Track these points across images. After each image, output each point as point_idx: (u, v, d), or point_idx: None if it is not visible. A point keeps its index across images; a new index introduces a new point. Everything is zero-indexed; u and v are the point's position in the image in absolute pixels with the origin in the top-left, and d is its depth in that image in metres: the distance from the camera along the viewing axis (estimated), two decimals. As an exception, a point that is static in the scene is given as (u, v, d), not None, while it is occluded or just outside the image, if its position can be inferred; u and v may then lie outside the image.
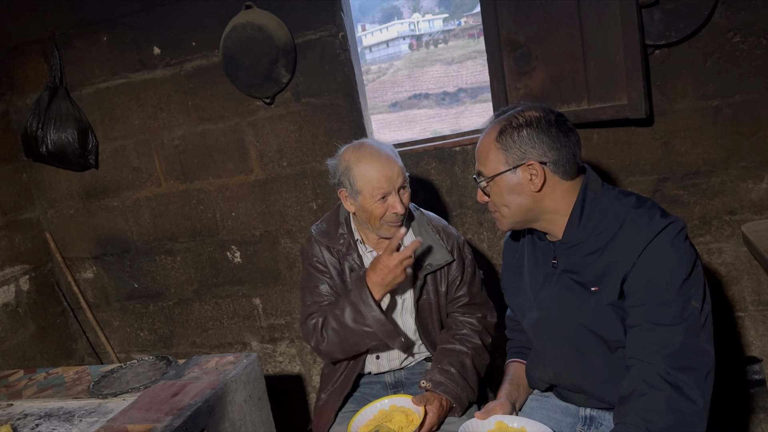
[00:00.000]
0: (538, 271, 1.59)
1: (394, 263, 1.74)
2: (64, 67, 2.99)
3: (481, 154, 1.50)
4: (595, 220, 1.44)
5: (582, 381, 1.56)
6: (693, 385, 1.28)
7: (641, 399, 1.30)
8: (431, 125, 9.97)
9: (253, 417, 1.82)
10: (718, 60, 2.18)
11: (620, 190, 1.49)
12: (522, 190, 1.45)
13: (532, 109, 1.47)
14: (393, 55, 14.68)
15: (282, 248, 2.93)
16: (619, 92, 2.12)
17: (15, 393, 1.96)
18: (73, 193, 3.18)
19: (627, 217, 1.40)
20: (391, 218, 1.82)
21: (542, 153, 1.42)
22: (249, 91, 2.70)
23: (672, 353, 1.29)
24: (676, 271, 1.33)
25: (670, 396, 1.27)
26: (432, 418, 1.72)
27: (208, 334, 3.20)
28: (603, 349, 1.47)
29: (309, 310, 1.97)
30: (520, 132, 1.43)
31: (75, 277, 3.31)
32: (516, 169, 1.44)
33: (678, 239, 1.35)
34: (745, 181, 2.25)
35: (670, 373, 1.29)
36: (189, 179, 2.98)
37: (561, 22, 2.14)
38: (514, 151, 1.43)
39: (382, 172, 1.79)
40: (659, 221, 1.36)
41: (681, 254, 1.34)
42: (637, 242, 1.35)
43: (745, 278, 2.34)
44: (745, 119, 2.20)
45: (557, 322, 1.53)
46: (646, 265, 1.34)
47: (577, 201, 1.46)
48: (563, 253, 1.50)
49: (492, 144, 1.46)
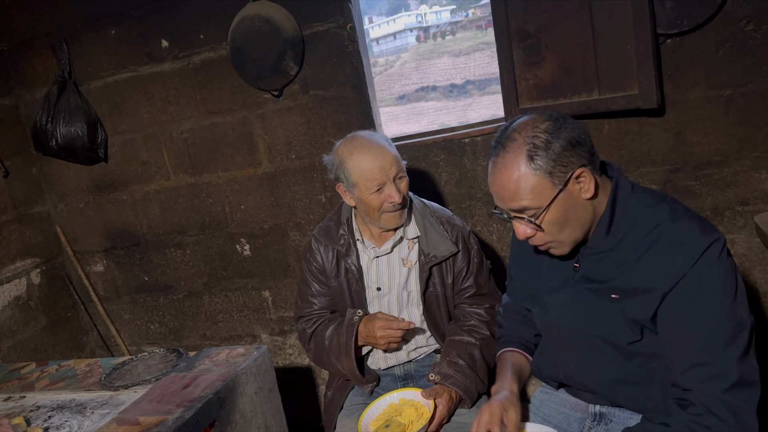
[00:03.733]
0: (557, 272, 1.52)
1: (379, 335, 1.82)
2: (73, 61, 2.99)
3: (516, 189, 1.32)
4: (625, 228, 1.36)
5: (594, 384, 1.53)
6: (750, 410, 1.24)
7: (699, 417, 1.25)
8: (439, 118, 9.92)
9: (263, 408, 1.83)
10: (730, 49, 2.15)
11: (652, 194, 1.40)
12: (578, 204, 1.34)
13: (536, 121, 1.34)
14: (400, 47, 14.60)
15: (291, 241, 2.93)
16: (630, 82, 2.10)
17: (27, 385, 1.98)
18: (83, 187, 3.19)
19: (663, 230, 1.31)
20: (389, 208, 1.82)
21: (580, 156, 1.31)
22: (257, 84, 2.70)
23: (732, 385, 1.24)
24: (724, 297, 1.26)
25: (735, 429, 1.23)
26: (442, 412, 1.72)
27: (218, 327, 3.21)
28: (618, 357, 1.43)
29: (300, 312, 2.08)
30: (552, 146, 1.29)
31: (85, 270, 3.33)
32: (566, 187, 1.31)
33: (721, 259, 1.27)
34: (758, 171, 2.23)
35: (731, 403, 1.24)
36: (198, 172, 2.98)
37: (571, 11, 2.12)
38: (558, 169, 1.30)
39: (374, 162, 1.79)
40: (701, 240, 1.27)
41: (725, 276, 1.27)
42: (678, 264, 1.27)
43: (758, 269, 2.32)
44: (757, 109, 2.17)
45: (571, 327, 1.49)
46: (690, 291, 1.27)
47: (608, 205, 1.37)
48: (587, 258, 1.43)
49: (527, 173, 1.30)
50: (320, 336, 1.97)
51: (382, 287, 1.96)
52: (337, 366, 1.94)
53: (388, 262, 1.95)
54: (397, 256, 1.95)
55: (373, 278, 1.96)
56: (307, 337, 2.02)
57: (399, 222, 1.88)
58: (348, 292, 1.98)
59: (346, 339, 1.88)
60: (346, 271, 1.97)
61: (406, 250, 1.95)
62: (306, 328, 2.03)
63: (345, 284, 1.98)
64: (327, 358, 1.96)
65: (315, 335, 2.00)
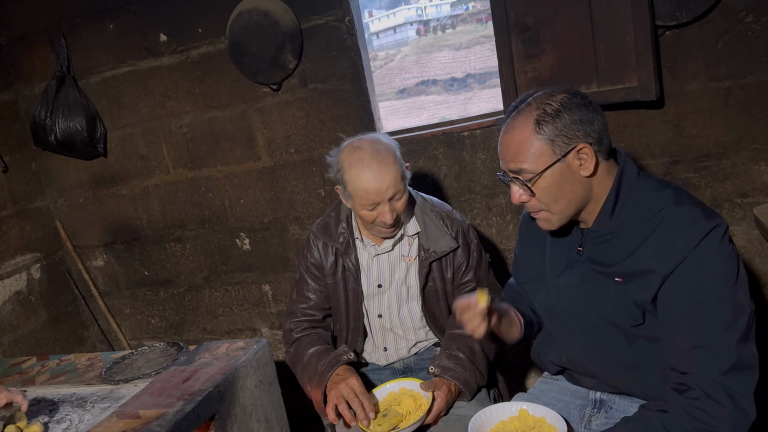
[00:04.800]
0: (561, 255, 1.54)
1: (330, 409, 1.76)
2: (71, 56, 2.99)
3: (518, 151, 1.37)
4: (630, 212, 1.37)
5: (596, 368, 1.54)
6: (747, 393, 1.25)
7: (696, 401, 1.26)
8: (439, 111, 9.89)
9: (263, 402, 1.84)
10: (729, 40, 2.14)
11: (657, 180, 1.41)
12: (573, 178, 1.36)
13: (555, 92, 1.37)
14: (400, 41, 14.53)
15: (291, 235, 2.93)
16: (629, 74, 2.09)
17: (28, 380, 1.99)
18: (83, 182, 3.20)
19: (666, 214, 1.32)
20: (381, 224, 1.82)
21: (587, 133, 1.33)
22: (256, 78, 2.69)
23: (730, 368, 1.24)
24: (724, 280, 1.27)
25: (731, 411, 1.24)
26: (440, 404, 1.72)
27: (219, 321, 3.22)
28: (621, 340, 1.44)
29: (293, 307, 2.05)
30: (561, 117, 1.32)
31: (86, 265, 3.33)
32: (565, 158, 1.34)
33: (723, 244, 1.28)
34: (757, 163, 2.22)
35: (728, 386, 1.24)
36: (197, 167, 2.98)
37: (570, 3, 2.11)
38: (560, 138, 1.33)
39: (371, 183, 1.74)
40: (703, 224, 1.28)
41: (726, 260, 1.28)
42: (679, 246, 1.28)
43: (757, 261, 2.32)
44: (757, 100, 2.17)
45: (575, 310, 1.50)
46: (691, 273, 1.28)
47: (612, 188, 1.38)
48: (591, 241, 1.45)
49: (531, 137, 1.34)
50: (302, 348, 1.95)
51: (383, 284, 1.96)
52: (306, 385, 1.91)
53: (389, 258, 1.95)
54: (398, 252, 1.95)
55: (374, 275, 1.96)
56: (291, 340, 2.00)
57: (390, 236, 1.89)
58: (344, 290, 1.97)
59: (323, 370, 1.84)
60: (344, 270, 1.96)
61: (406, 247, 1.95)
62: (293, 329, 2.01)
63: (341, 282, 1.97)
64: (300, 372, 1.94)
65: (298, 343, 1.98)
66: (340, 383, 1.76)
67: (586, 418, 1.60)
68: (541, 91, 1.40)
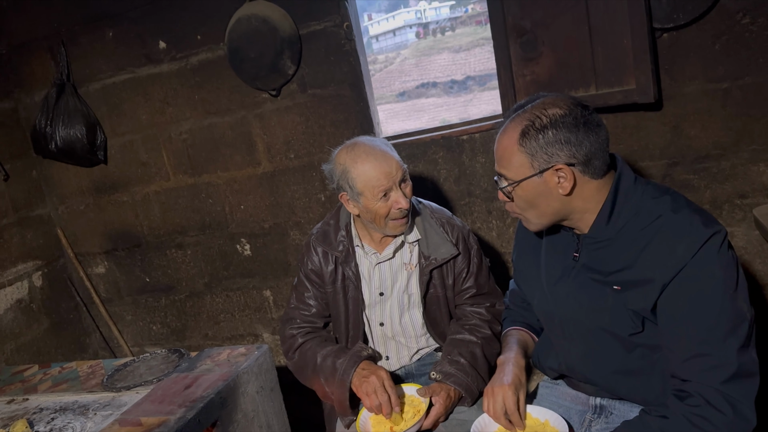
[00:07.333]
0: (557, 262, 1.52)
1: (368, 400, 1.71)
2: (71, 64, 3.00)
3: (502, 157, 1.39)
4: (626, 218, 1.36)
5: (595, 376, 1.53)
6: (748, 401, 1.25)
7: (696, 408, 1.26)
8: (440, 114, 9.91)
9: (265, 408, 1.84)
10: (727, 42, 2.15)
11: (655, 186, 1.40)
12: (549, 194, 1.36)
13: (555, 104, 1.33)
14: (400, 44, 14.56)
15: (291, 240, 2.93)
16: (627, 77, 2.10)
17: (30, 388, 1.99)
18: (83, 189, 3.20)
19: (665, 222, 1.31)
20: (396, 214, 1.81)
21: (570, 155, 1.31)
22: (255, 84, 2.70)
23: (731, 376, 1.24)
24: (724, 288, 1.26)
25: (732, 419, 1.23)
26: (438, 409, 1.72)
27: (220, 327, 3.22)
28: (619, 348, 1.44)
29: (291, 314, 2.03)
30: (545, 133, 1.31)
31: (87, 272, 3.34)
32: (542, 174, 1.34)
33: (722, 251, 1.27)
34: (756, 164, 2.22)
35: (729, 394, 1.24)
36: (197, 173, 2.99)
37: (567, 6, 2.11)
38: (540, 155, 1.32)
39: (380, 169, 1.75)
40: (702, 232, 1.27)
41: (726, 267, 1.27)
42: (678, 254, 1.27)
43: (757, 262, 2.32)
44: (755, 101, 2.17)
45: (572, 318, 1.49)
46: (691, 281, 1.27)
47: (608, 198, 1.36)
48: (588, 247, 1.43)
49: (514, 147, 1.35)
50: (311, 351, 1.92)
51: (385, 292, 1.96)
52: (323, 388, 1.86)
53: (391, 266, 1.94)
54: (399, 260, 1.94)
55: (375, 284, 1.95)
56: (294, 347, 1.97)
57: (404, 229, 1.87)
58: (343, 298, 1.96)
59: (346, 367, 1.80)
60: (344, 278, 1.95)
61: (407, 254, 1.94)
62: (296, 335, 1.98)
63: (341, 291, 1.96)
64: (313, 375, 1.89)
65: (304, 348, 1.94)
66: (370, 376, 1.74)
67: (586, 423, 1.59)
68: (544, 98, 1.38)
